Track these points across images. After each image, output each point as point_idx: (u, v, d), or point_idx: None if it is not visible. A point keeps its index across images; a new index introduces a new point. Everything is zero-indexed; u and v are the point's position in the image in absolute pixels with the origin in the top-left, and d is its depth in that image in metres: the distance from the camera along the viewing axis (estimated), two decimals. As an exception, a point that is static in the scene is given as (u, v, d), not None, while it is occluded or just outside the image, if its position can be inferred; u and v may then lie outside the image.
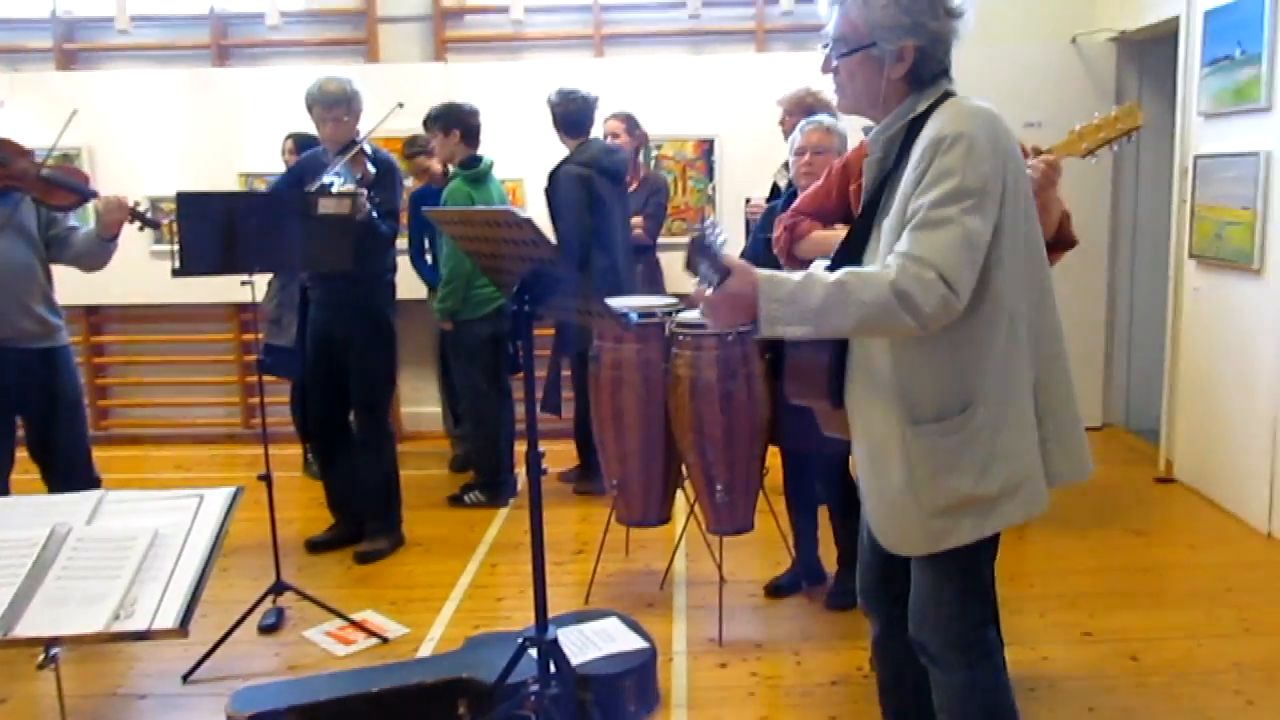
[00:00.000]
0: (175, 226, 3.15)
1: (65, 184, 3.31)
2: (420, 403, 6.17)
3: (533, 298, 2.35)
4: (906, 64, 1.94)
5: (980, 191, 1.83)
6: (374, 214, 3.77)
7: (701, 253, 1.73)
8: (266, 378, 3.77)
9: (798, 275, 1.87)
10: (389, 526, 4.31)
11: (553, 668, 2.53)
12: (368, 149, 3.93)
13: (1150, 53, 5.50)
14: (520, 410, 5.32)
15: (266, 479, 3.48)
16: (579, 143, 4.71)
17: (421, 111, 5.46)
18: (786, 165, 4.82)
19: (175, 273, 3.23)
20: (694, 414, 3.43)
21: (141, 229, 3.38)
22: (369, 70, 5.71)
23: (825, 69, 2.05)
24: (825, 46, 2.04)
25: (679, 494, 3.82)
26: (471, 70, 5.83)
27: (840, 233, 2.88)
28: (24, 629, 1.71)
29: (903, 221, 1.89)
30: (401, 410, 6.14)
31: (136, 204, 3.35)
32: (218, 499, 1.95)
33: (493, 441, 4.83)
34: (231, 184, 5.88)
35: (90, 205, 3.36)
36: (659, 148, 5.82)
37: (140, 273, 5.59)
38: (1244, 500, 4.30)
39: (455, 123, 4.59)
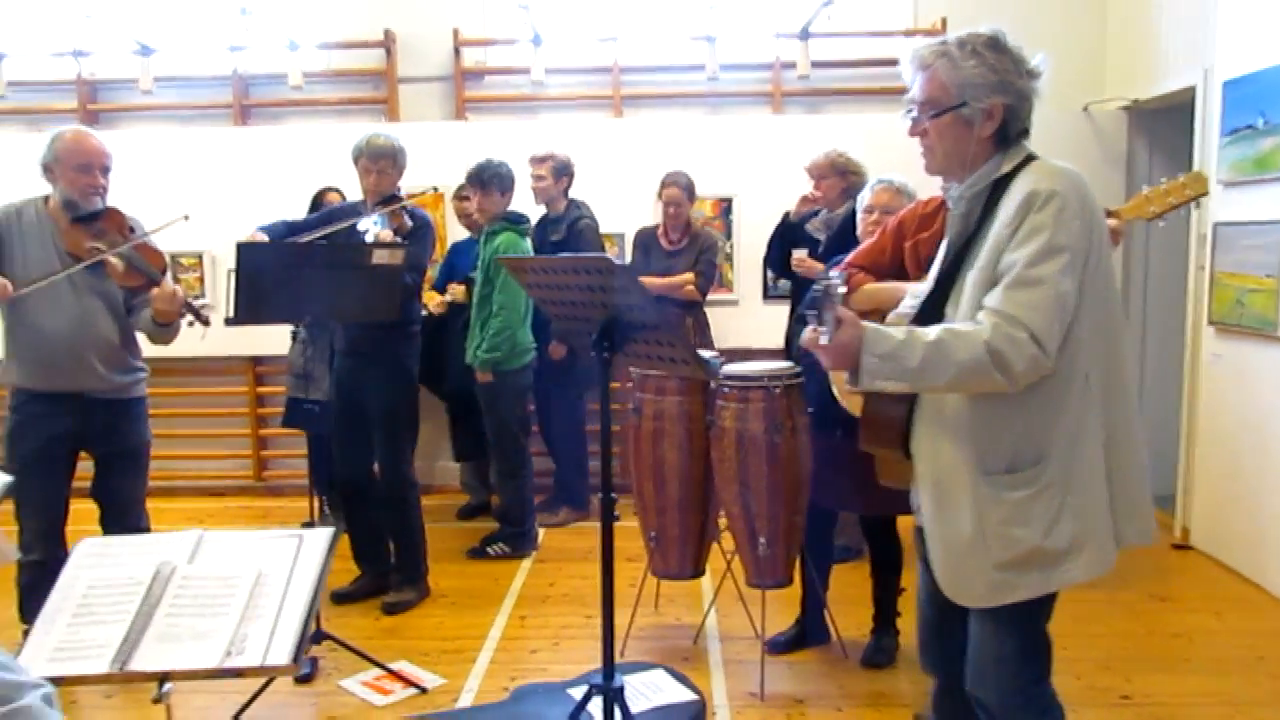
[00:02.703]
0: (231, 275, 3.17)
1: (139, 267, 3.34)
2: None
3: (611, 344, 2.40)
4: (996, 122, 2.02)
5: (1071, 249, 1.90)
6: None
7: (827, 303, 1.83)
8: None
9: (899, 332, 1.93)
10: (415, 577, 4.30)
11: (616, 716, 2.53)
12: (408, 204, 4.01)
13: (1162, 121, 5.64)
14: (539, 463, 5.45)
15: (311, 525, 3.47)
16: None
17: (443, 170, 5.60)
18: (814, 217, 4.97)
19: (229, 321, 3.26)
20: (739, 466, 3.47)
21: (191, 323, 3.40)
22: (389, 129, 5.78)
23: (913, 132, 2.12)
24: (909, 112, 2.12)
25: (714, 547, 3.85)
26: (492, 129, 5.94)
27: (891, 287, 2.97)
28: (140, 663, 1.71)
29: (992, 276, 1.95)
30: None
31: (195, 297, 3.40)
32: (318, 539, 1.96)
33: (522, 493, 4.85)
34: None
35: None
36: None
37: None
38: (1265, 568, 4.32)
39: (494, 180, 4.71)
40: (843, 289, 1.85)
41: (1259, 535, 4.38)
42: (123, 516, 3.42)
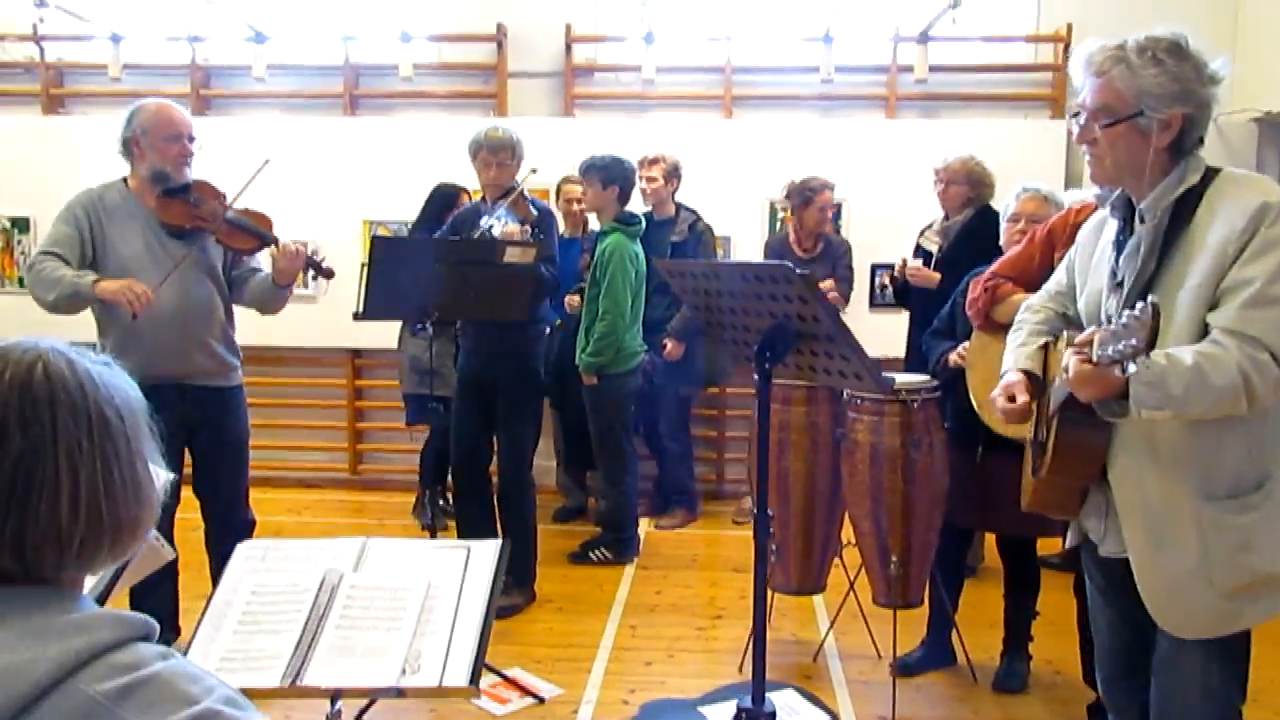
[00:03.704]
0: (364, 269, 3.12)
1: (248, 228, 3.31)
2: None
3: (774, 355, 2.29)
4: (1173, 133, 1.91)
5: None
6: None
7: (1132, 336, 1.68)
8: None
9: (1161, 357, 1.80)
10: (525, 580, 4.24)
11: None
12: (528, 194, 3.96)
13: (1293, 133, 5.41)
14: (644, 467, 5.37)
15: (430, 529, 3.42)
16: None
17: (549, 166, 5.53)
18: (928, 229, 4.82)
19: (357, 316, 3.22)
20: (872, 481, 3.34)
21: (315, 278, 3.36)
22: (500, 124, 5.75)
23: (1082, 139, 2.02)
24: (1075, 115, 2.02)
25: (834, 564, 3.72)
26: (600, 126, 5.86)
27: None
28: (314, 678, 1.65)
29: (1212, 293, 1.84)
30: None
31: (315, 252, 3.35)
32: (487, 551, 1.89)
33: (627, 497, 4.76)
34: (357, 231, 5.94)
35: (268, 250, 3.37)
36: (782, 209, 5.79)
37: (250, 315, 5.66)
38: None
39: (616, 177, 4.60)
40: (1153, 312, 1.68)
41: None
42: (229, 511, 3.35)
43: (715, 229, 5.41)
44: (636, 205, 4.96)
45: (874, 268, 5.70)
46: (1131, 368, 1.71)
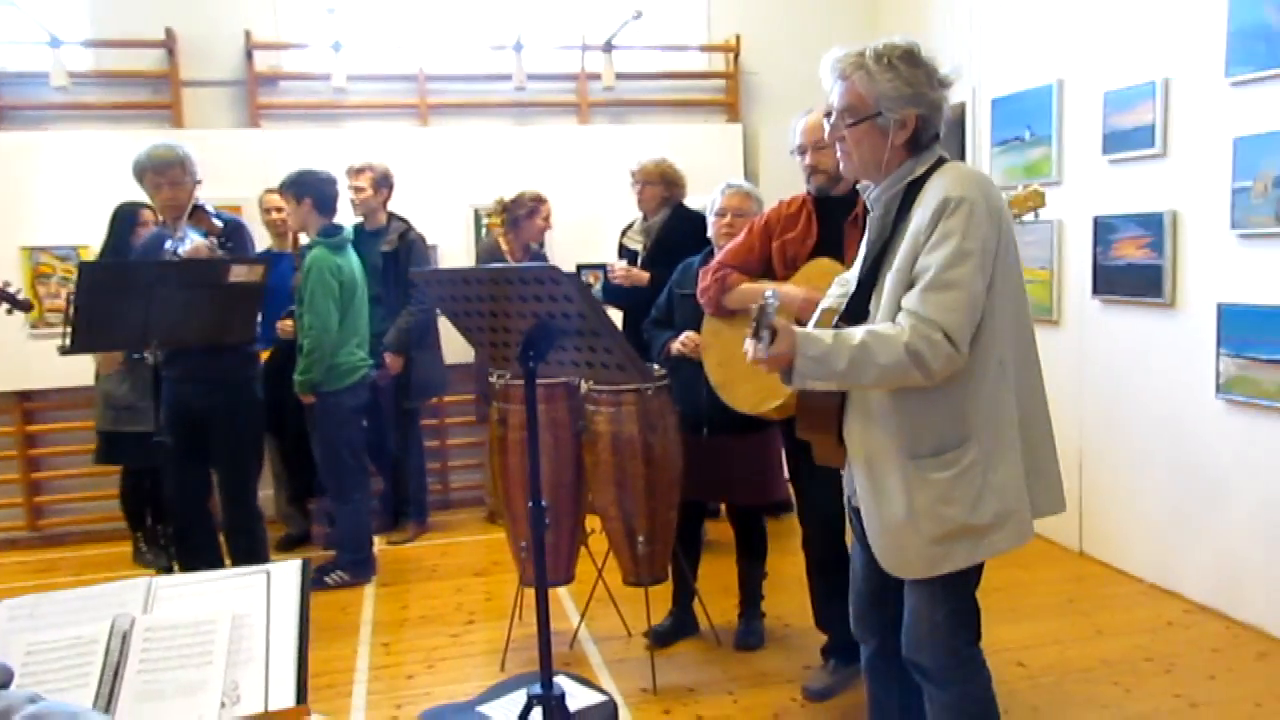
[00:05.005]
0: (70, 300, 2.87)
1: None
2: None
3: (537, 354, 2.38)
4: (909, 131, 2.16)
5: (980, 251, 2.05)
6: None
7: (765, 321, 1.98)
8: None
9: (828, 336, 2.06)
10: (263, 614, 4.03)
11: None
12: (209, 207, 3.77)
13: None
14: (377, 484, 5.26)
15: (168, 570, 3.19)
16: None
17: (239, 179, 5.29)
18: (630, 229, 5.11)
19: (64, 351, 2.94)
20: (616, 468, 3.52)
21: (10, 311, 3.03)
22: (175, 137, 5.38)
23: (833, 137, 2.25)
24: (828, 116, 2.26)
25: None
26: (290, 137, 5.66)
27: (762, 285, 3.13)
28: (126, 729, 1.54)
29: (909, 277, 2.09)
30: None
31: (6, 284, 3.03)
32: (289, 571, 1.83)
33: (360, 515, 4.64)
34: (14, 260, 5.34)
35: None
36: (489, 216, 5.88)
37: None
38: (1056, 526, 4.84)
39: (308, 190, 4.43)
40: (776, 304, 2.00)
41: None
42: None
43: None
44: (349, 216, 4.86)
45: (579, 268, 5.90)
46: (763, 350, 1.99)
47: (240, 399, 3.88)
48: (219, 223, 3.75)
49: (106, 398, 4.54)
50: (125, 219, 4.60)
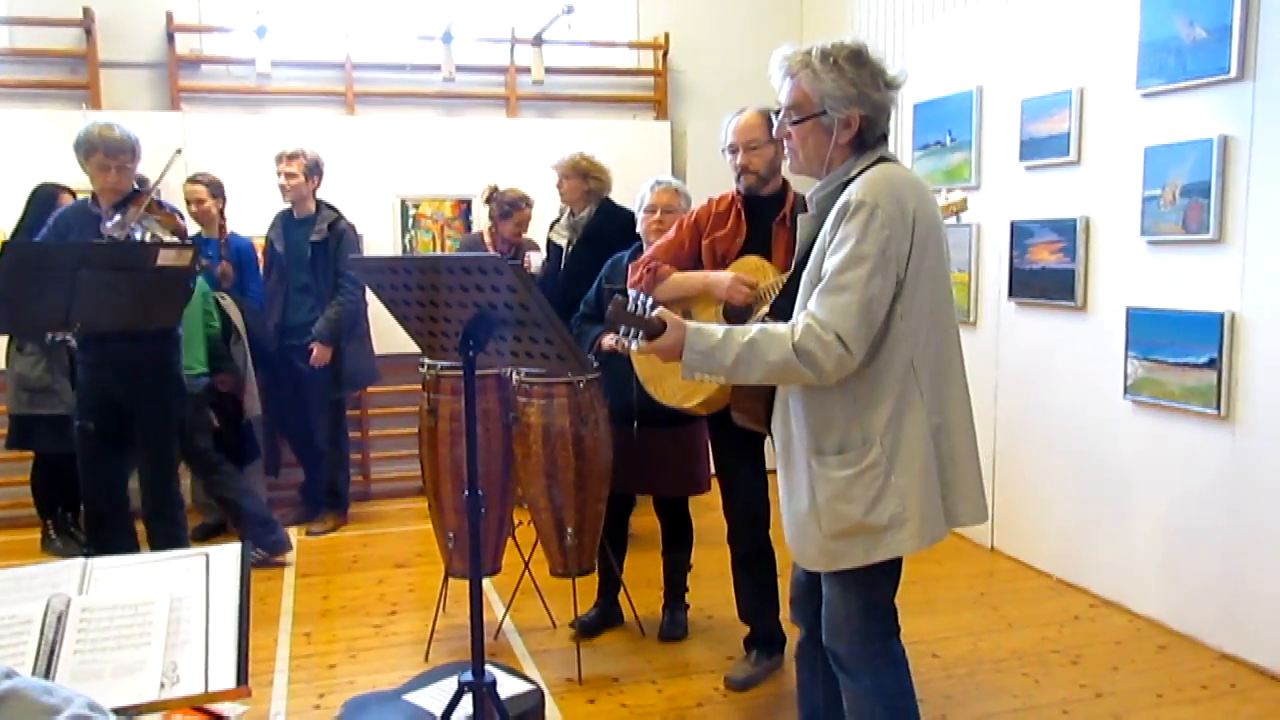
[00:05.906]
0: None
1: None
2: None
3: (477, 344, 2.40)
4: (853, 130, 2.18)
5: (878, 255, 2.05)
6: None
7: (622, 318, 2.11)
8: None
9: (719, 331, 2.12)
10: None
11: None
12: (167, 204, 3.70)
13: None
14: (291, 474, 5.18)
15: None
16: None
17: (152, 163, 5.16)
18: (557, 224, 5.13)
19: (-19, 331, 2.86)
20: (547, 460, 3.54)
21: None
22: (92, 118, 5.23)
23: (780, 134, 2.29)
24: (777, 113, 2.29)
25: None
26: (212, 121, 5.55)
27: (692, 276, 3.20)
28: (63, 709, 1.52)
29: (817, 277, 2.13)
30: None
31: None
32: (228, 555, 1.83)
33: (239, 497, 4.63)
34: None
35: None
36: (417, 207, 5.85)
37: None
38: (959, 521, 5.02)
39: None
40: (648, 300, 2.13)
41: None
42: None
43: (347, 227, 5.35)
44: (278, 202, 4.81)
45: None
46: (633, 345, 2.13)
47: (164, 383, 3.79)
48: (181, 220, 3.68)
49: (20, 380, 4.40)
50: (44, 200, 4.46)
